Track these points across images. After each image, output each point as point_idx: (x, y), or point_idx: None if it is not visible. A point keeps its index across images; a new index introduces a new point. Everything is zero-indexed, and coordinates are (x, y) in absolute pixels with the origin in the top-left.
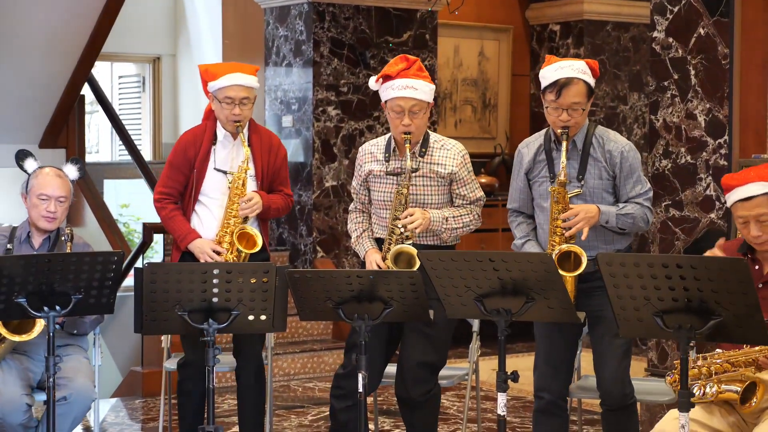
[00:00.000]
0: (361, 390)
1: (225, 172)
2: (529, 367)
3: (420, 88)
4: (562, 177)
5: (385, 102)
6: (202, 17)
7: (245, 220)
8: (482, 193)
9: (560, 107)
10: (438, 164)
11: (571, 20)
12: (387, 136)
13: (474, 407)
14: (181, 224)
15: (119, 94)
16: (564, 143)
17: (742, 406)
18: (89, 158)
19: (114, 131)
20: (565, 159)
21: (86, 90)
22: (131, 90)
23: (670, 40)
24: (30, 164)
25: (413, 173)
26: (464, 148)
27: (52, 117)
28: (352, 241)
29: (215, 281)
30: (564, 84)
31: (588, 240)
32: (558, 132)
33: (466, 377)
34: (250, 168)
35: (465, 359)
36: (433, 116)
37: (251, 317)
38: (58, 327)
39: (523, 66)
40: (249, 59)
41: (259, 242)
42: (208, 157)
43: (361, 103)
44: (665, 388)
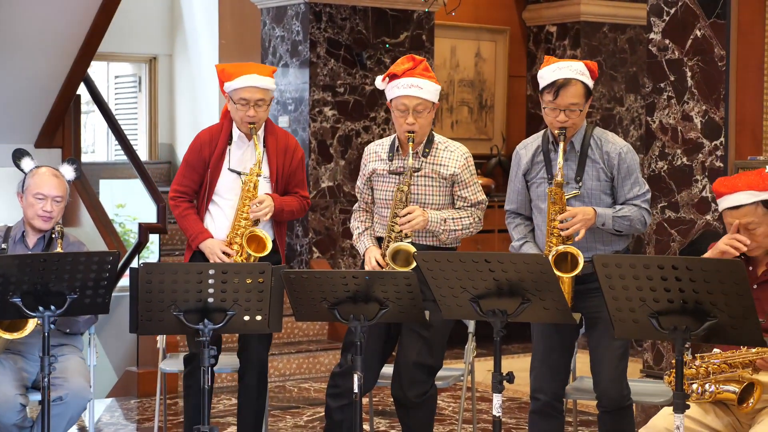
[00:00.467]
0: (356, 390)
1: (239, 173)
2: (525, 368)
3: (425, 87)
4: (559, 178)
5: (391, 101)
6: (199, 17)
7: (256, 223)
8: (484, 197)
9: (558, 108)
10: (440, 165)
11: (567, 21)
12: (393, 136)
13: (469, 408)
14: (193, 223)
15: (115, 94)
16: (561, 144)
17: (739, 406)
18: (85, 158)
19: (110, 131)
20: (561, 160)
21: (82, 90)
22: (127, 90)
23: (667, 41)
24: (27, 164)
25: (415, 172)
26: (468, 151)
27: (48, 117)
28: (354, 238)
29: (211, 281)
30: (562, 85)
31: (586, 241)
32: (555, 133)
33: (462, 378)
34: (262, 171)
35: (460, 360)
36: None
37: (247, 317)
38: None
39: (519, 67)
40: (245, 59)
41: (269, 245)
42: (223, 157)
43: (357, 104)
44: (661, 389)
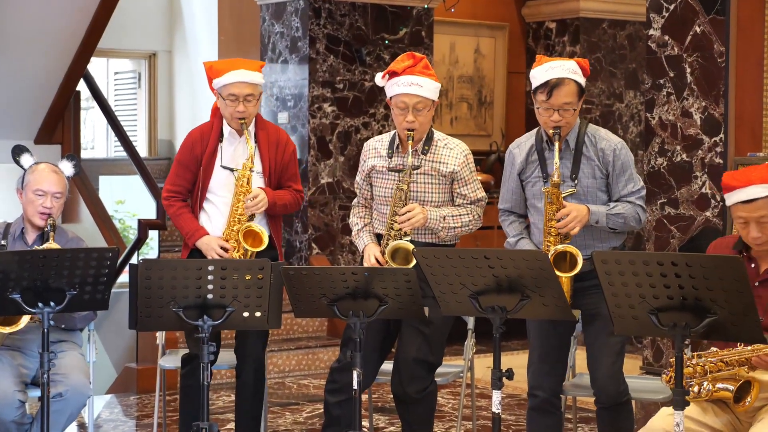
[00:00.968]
0: (356, 387)
1: (232, 170)
2: (525, 365)
3: (425, 85)
4: (556, 178)
5: (390, 98)
6: (198, 13)
7: (251, 218)
8: (484, 194)
9: (551, 107)
10: (440, 162)
11: (567, 18)
12: (392, 132)
13: (469, 405)
14: (189, 221)
15: (115, 90)
16: (556, 144)
17: (736, 404)
18: (84, 154)
19: (109, 127)
20: (558, 160)
21: (82, 86)
22: (127, 86)
23: (666, 37)
24: (26, 160)
25: (414, 170)
26: (468, 148)
27: (48, 113)
28: (353, 235)
29: (210, 278)
30: (555, 84)
31: (583, 239)
32: (550, 132)
33: (461, 375)
34: (255, 165)
35: (460, 357)
36: None
37: (246, 314)
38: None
39: (519, 63)
40: (245, 55)
41: (266, 240)
42: (215, 154)
43: (356, 100)
44: (660, 386)
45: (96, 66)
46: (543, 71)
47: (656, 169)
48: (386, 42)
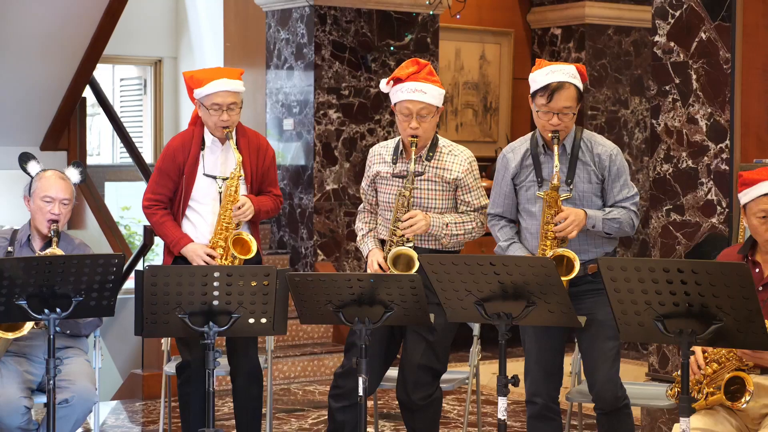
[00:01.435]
0: (361, 393)
1: (215, 178)
2: None
3: (429, 92)
4: (555, 181)
5: (395, 104)
6: (204, 20)
7: (237, 225)
8: (487, 201)
9: (551, 111)
10: (444, 169)
11: (572, 24)
12: (397, 138)
13: (474, 411)
14: (172, 230)
15: (121, 96)
16: (555, 147)
17: (735, 403)
18: (90, 160)
19: (115, 133)
20: (558, 162)
21: (88, 92)
22: (133, 92)
23: (672, 44)
24: (33, 167)
25: (418, 177)
26: (472, 154)
27: (54, 119)
28: (358, 240)
29: (216, 284)
30: (556, 88)
31: (578, 244)
32: (548, 136)
33: (467, 381)
34: (242, 173)
35: (466, 363)
36: None
37: (252, 320)
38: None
39: (524, 70)
40: (250, 62)
41: (254, 248)
42: (198, 162)
43: (362, 106)
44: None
45: (102, 72)
46: (543, 75)
47: (662, 176)
48: (392, 48)
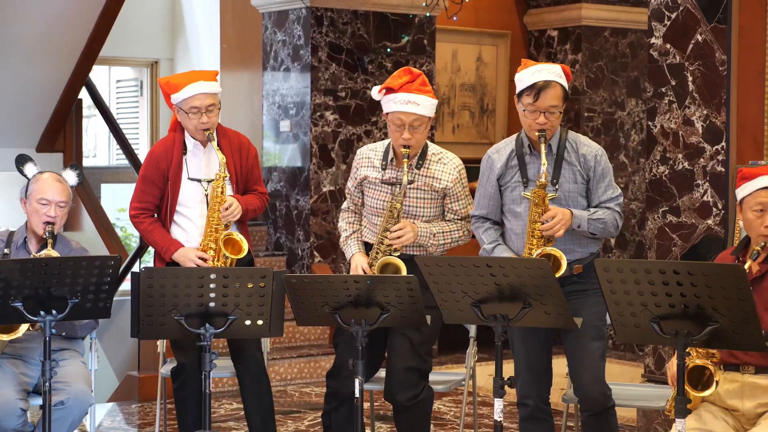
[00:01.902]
0: (357, 395)
1: (199, 181)
2: None
3: (422, 103)
4: (543, 179)
5: (387, 114)
6: (200, 21)
7: (227, 226)
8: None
9: (538, 110)
10: (433, 178)
11: (569, 26)
12: (386, 142)
13: (471, 413)
14: (162, 236)
15: (117, 98)
16: (543, 146)
17: (702, 391)
18: (86, 162)
19: (111, 135)
20: (545, 161)
21: (84, 94)
22: (129, 94)
23: (668, 46)
24: (30, 169)
25: (408, 185)
26: (461, 162)
27: (50, 121)
28: (341, 240)
29: (212, 286)
30: (542, 87)
31: (563, 243)
32: (535, 135)
33: (463, 383)
34: (227, 174)
35: (462, 364)
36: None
37: (248, 322)
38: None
39: None
40: (247, 64)
41: (245, 247)
42: (181, 167)
43: (359, 108)
44: (662, 394)
45: (98, 74)
46: (529, 74)
47: (658, 178)
48: (388, 50)
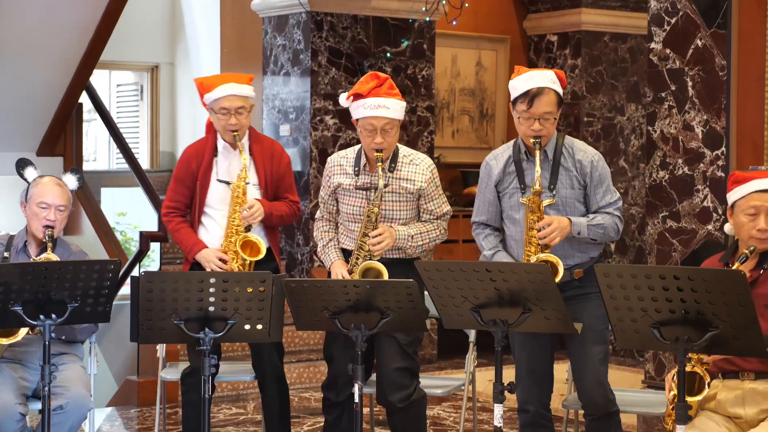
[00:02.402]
0: (357, 400)
1: (228, 183)
2: None
3: (391, 106)
4: (537, 186)
5: (357, 120)
6: (201, 26)
7: (248, 228)
8: (449, 208)
9: (532, 117)
10: (407, 180)
11: (568, 31)
12: (356, 148)
13: (470, 418)
14: (187, 236)
15: (117, 102)
16: (537, 153)
17: (696, 396)
18: (87, 166)
19: (112, 139)
20: (539, 168)
21: (84, 98)
22: (129, 98)
23: (668, 51)
24: (30, 173)
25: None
26: (432, 163)
27: (50, 125)
28: (319, 249)
29: (211, 290)
30: (536, 94)
31: (563, 249)
32: (530, 142)
33: (463, 388)
34: (250, 177)
35: (461, 369)
36: (430, 126)
37: (247, 326)
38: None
39: None
40: (247, 68)
41: (263, 249)
42: (211, 168)
43: None
44: (663, 400)
45: (98, 78)
46: (523, 81)
47: (658, 183)
48: (388, 55)
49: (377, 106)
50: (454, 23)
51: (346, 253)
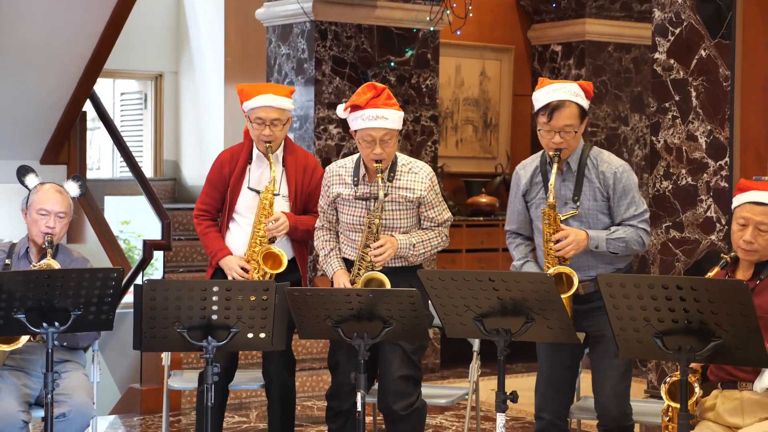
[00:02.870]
0: (359, 409)
1: (258, 192)
2: (529, 388)
3: (390, 117)
4: (551, 200)
5: (355, 131)
6: (205, 35)
7: (272, 240)
8: (449, 215)
9: (552, 130)
10: (406, 189)
11: (572, 41)
12: (355, 157)
13: (473, 427)
14: (213, 241)
15: (121, 110)
16: (555, 165)
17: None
18: (90, 174)
19: (115, 148)
20: (554, 181)
21: (88, 106)
22: (133, 107)
23: (672, 61)
24: (31, 180)
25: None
26: (432, 171)
27: (54, 133)
28: (320, 259)
29: (215, 299)
30: (556, 107)
31: (587, 260)
32: (551, 154)
33: (466, 397)
34: (281, 189)
35: (465, 379)
36: (434, 135)
37: (250, 335)
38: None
39: (524, 86)
40: (251, 77)
41: (285, 262)
42: (243, 175)
43: None
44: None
45: (102, 86)
46: (545, 93)
47: (661, 193)
48: (392, 64)
49: (375, 117)
50: (458, 33)
51: (348, 263)
